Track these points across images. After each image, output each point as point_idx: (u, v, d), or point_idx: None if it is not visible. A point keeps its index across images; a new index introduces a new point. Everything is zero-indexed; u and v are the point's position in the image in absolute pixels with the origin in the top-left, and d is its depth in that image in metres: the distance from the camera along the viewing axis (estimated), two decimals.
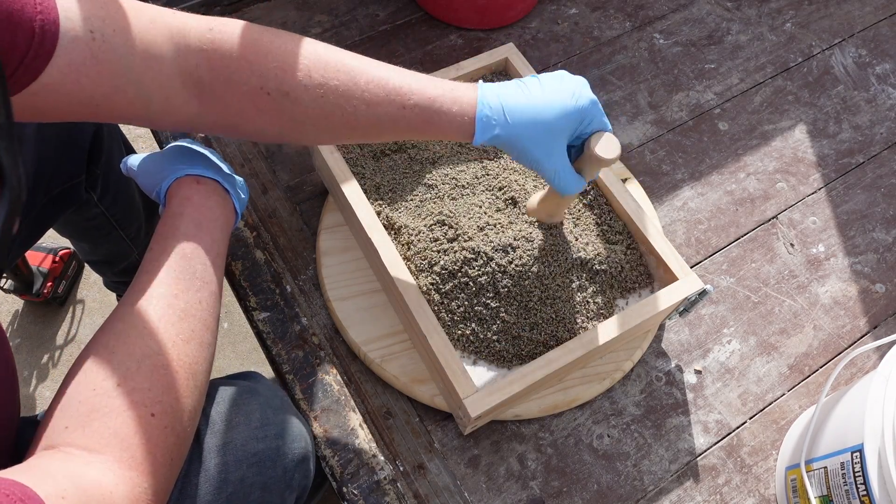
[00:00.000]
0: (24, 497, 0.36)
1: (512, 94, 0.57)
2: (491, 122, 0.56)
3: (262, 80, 0.53)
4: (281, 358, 0.74)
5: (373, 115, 0.55)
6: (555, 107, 0.56)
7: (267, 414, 0.60)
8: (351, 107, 0.55)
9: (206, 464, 0.55)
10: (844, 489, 0.60)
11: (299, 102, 0.54)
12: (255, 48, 0.53)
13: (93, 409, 0.45)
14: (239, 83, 0.53)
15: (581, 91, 0.57)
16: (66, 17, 0.44)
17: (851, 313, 0.84)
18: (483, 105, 0.56)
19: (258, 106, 0.54)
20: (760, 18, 1.09)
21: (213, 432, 0.57)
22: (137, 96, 0.50)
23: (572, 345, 0.66)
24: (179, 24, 0.52)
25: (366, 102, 0.55)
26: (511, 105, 0.56)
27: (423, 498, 0.68)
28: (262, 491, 0.58)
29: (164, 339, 0.50)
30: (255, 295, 0.77)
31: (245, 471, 0.57)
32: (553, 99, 0.57)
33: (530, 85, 0.58)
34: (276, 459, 0.59)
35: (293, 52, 0.54)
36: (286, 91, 0.53)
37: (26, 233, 0.78)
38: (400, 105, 0.55)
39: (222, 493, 0.55)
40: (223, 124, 0.56)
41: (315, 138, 0.59)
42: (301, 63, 0.54)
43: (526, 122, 0.56)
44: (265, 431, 0.59)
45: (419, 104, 0.55)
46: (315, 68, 0.54)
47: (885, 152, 0.97)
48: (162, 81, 0.51)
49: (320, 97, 0.54)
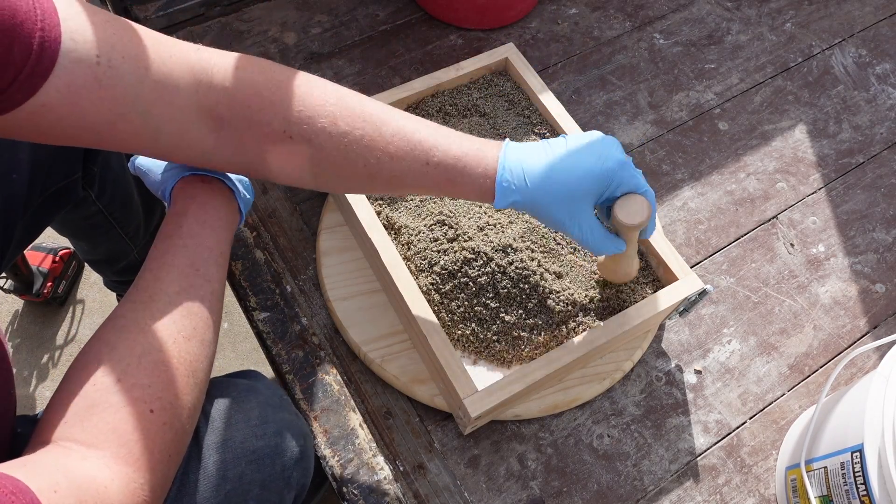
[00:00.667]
0: (16, 490, 0.36)
1: (534, 158, 0.56)
2: (511, 188, 0.55)
3: (285, 124, 0.52)
4: (281, 358, 0.74)
5: (396, 168, 0.55)
6: (577, 170, 0.55)
7: (266, 412, 0.61)
8: (374, 158, 0.54)
9: (204, 461, 0.55)
10: (844, 489, 0.60)
11: (322, 149, 0.54)
12: (282, 91, 0.53)
13: (92, 404, 0.45)
14: (261, 124, 0.52)
15: (608, 152, 0.56)
16: (71, 39, 0.44)
17: (851, 313, 0.84)
18: (504, 169, 0.55)
19: (279, 148, 0.54)
20: (760, 18, 1.09)
21: (212, 430, 0.57)
22: (144, 127, 0.50)
23: (572, 345, 0.66)
24: (202, 60, 0.51)
25: (389, 155, 0.54)
26: (532, 169, 0.55)
27: (423, 498, 0.68)
28: (261, 489, 0.58)
29: (165, 336, 0.50)
30: (255, 295, 0.77)
31: (244, 468, 0.57)
32: (576, 161, 0.55)
33: (555, 146, 0.57)
34: (274, 457, 0.59)
35: (320, 97, 0.53)
36: (309, 137, 0.53)
37: (24, 231, 0.78)
38: (424, 161, 0.55)
39: (221, 491, 0.55)
40: (238, 162, 0.56)
41: (333, 185, 0.59)
42: (327, 110, 0.53)
43: (546, 187, 0.55)
44: (264, 429, 0.59)
45: (443, 162, 0.55)
46: (342, 116, 0.53)
47: (885, 152, 0.97)
48: (174, 114, 0.50)
49: (344, 146, 0.54)
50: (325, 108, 0.53)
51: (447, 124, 0.81)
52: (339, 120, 0.53)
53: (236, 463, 0.56)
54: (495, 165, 0.55)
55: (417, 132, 0.55)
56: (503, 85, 0.85)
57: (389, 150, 0.54)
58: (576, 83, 1.00)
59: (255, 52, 0.97)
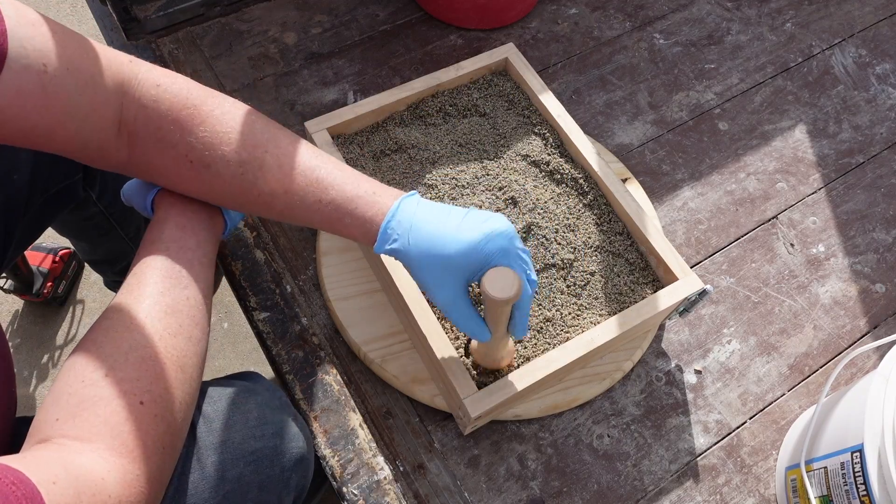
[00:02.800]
0: (17, 481, 0.37)
1: (427, 216, 0.55)
2: (393, 237, 0.55)
3: (188, 149, 0.54)
4: (281, 358, 0.74)
5: (289, 201, 0.56)
6: (460, 242, 0.54)
7: (265, 413, 0.61)
8: (268, 188, 0.55)
9: (202, 461, 0.55)
10: (844, 489, 0.60)
11: (220, 176, 0.55)
12: (192, 114, 0.54)
13: (82, 399, 0.46)
14: (168, 145, 0.54)
15: (496, 236, 0.54)
16: (20, 45, 0.45)
17: (851, 313, 0.84)
18: (392, 217, 0.55)
19: (180, 171, 0.55)
20: (760, 18, 1.09)
21: (211, 430, 0.57)
22: (77, 134, 0.51)
23: (572, 345, 0.66)
24: (131, 75, 0.53)
25: (284, 189, 0.55)
26: (420, 226, 0.54)
27: (423, 498, 0.68)
28: (259, 490, 0.58)
29: (151, 332, 0.51)
30: (255, 295, 0.77)
31: (242, 469, 0.57)
32: (462, 234, 0.54)
33: (453, 214, 0.56)
34: (273, 459, 0.59)
35: (228, 124, 0.54)
36: (208, 164, 0.54)
37: (24, 232, 0.78)
38: (317, 198, 0.55)
39: (219, 492, 0.55)
40: (150, 176, 0.58)
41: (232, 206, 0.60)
42: (230, 137, 0.54)
43: (425, 248, 0.54)
44: (263, 430, 0.59)
45: (335, 201, 0.55)
46: (244, 145, 0.54)
47: (885, 152, 0.97)
48: (102, 125, 0.52)
49: (240, 175, 0.55)
50: (228, 135, 0.54)
51: (447, 124, 0.81)
52: (240, 149, 0.54)
53: (235, 464, 0.56)
54: (386, 212, 0.55)
55: (318, 169, 0.56)
56: (503, 85, 0.85)
57: (285, 183, 0.55)
58: (576, 83, 1.00)
59: (255, 52, 0.97)
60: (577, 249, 0.74)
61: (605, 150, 0.90)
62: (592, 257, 0.74)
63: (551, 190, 0.77)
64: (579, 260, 0.73)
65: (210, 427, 0.58)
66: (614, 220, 0.76)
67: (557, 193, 0.77)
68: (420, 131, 0.80)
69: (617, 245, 0.75)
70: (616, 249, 0.75)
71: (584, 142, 0.78)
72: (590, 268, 0.73)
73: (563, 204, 0.76)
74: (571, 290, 0.72)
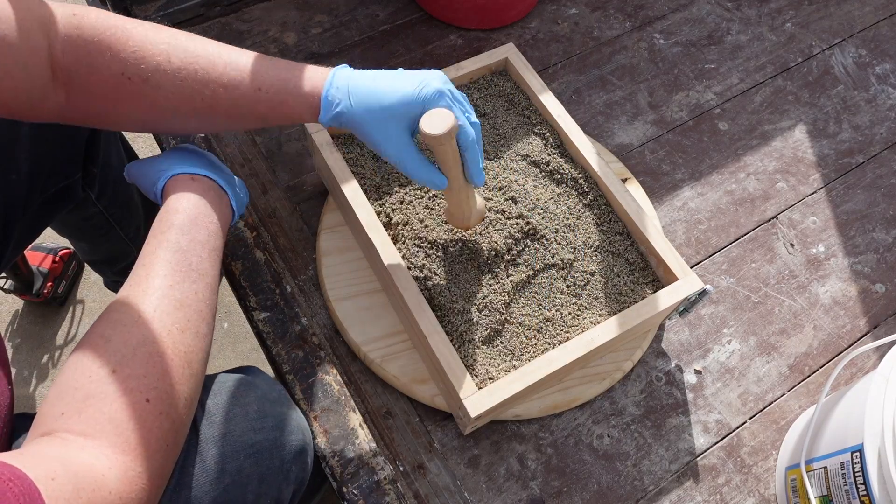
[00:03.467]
0: (14, 478, 0.37)
1: (362, 79, 0.59)
2: (335, 102, 0.58)
3: (122, 66, 0.54)
4: (281, 358, 0.74)
5: (231, 98, 0.58)
6: (396, 92, 0.57)
7: (265, 406, 0.61)
8: (209, 91, 0.57)
9: (203, 454, 0.55)
10: (844, 489, 0.60)
11: (160, 87, 0.56)
12: (115, 33, 0.55)
13: (88, 395, 0.46)
14: (101, 68, 0.54)
15: (429, 81, 0.58)
16: None
17: (851, 313, 0.84)
18: (330, 86, 0.58)
19: (120, 92, 0.56)
20: (760, 18, 1.09)
21: (211, 423, 0.57)
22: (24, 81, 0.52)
23: (572, 345, 0.66)
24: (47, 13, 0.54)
25: (224, 86, 0.57)
26: (357, 87, 0.58)
27: (423, 498, 0.68)
28: (259, 482, 0.58)
29: (160, 327, 0.50)
30: (255, 295, 0.77)
31: (242, 461, 0.57)
32: (398, 85, 0.58)
33: (386, 73, 0.60)
34: (273, 451, 0.59)
35: (152, 37, 0.56)
36: (146, 76, 0.55)
37: (23, 232, 0.78)
38: (256, 87, 0.58)
39: (219, 484, 0.55)
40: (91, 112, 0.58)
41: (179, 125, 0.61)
42: (160, 48, 0.56)
43: (366, 104, 0.58)
44: (263, 423, 0.60)
45: (274, 85, 0.58)
46: (174, 53, 0.56)
47: (885, 152, 0.97)
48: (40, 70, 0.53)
49: (180, 81, 0.56)
50: (157, 46, 0.56)
51: None
52: (172, 57, 0.56)
53: (235, 457, 0.57)
54: (323, 82, 0.59)
55: (249, 62, 0.58)
56: (503, 85, 0.85)
57: (223, 80, 0.57)
58: (576, 83, 1.00)
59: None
60: (577, 249, 0.74)
61: (605, 150, 0.90)
62: (592, 257, 0.74)
63: (551, 190, 0.77)
64: (579, 260, 0.73)
65: (210, 420, 0.58)
66: (614, 220, 0.76)
67: (557, 193, 0.77)
68: None
69: (617, 245, 0.75)
70: (616, 249, 0.75)
71: (584, 142, 0.78)
72: (590, 268, 0.73)
73: (563, 204, 0.76)
74: (571, 290, 0.72)
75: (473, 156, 0.60)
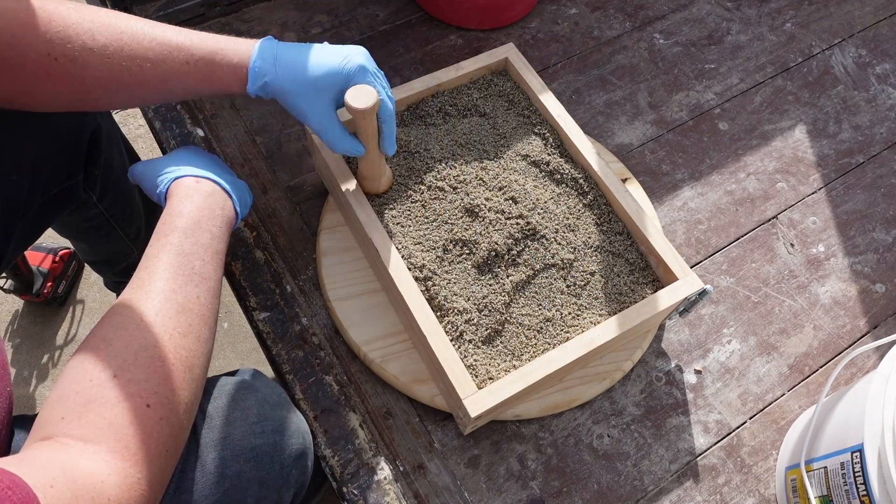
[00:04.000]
0: (12, 485, 0.36)
1: (288, 52, 0.61)
2: (262, 72, 0.60)
3: (48, 46, 0.55)
4: (281, 358, 0.74)
5: (159, 72, 0.59)
6: (322, 65, 0.60)
7: (265, 410, 0.61)
8: (137, 66, 0.58)
9: (203, 458, 0.55)
10: (844, 489, 0.60)
11: (87, 66, 0.56)
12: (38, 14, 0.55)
13: (88, 399, 0.45)
14: (27, 50, 0.55)
15: (353, 57, 0.60)
16: None
17: (851, 313, 0.84)
18: (256, 56, 0.60)
19: (48, 73, 0.56)
20: (760, 18, 1.09)
21: (211, 427, 0.57)
22: None
23: (572, 345, 0.66)
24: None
25: (151, 61, 0.58)
26: (284, 59, 0.60)
27: (423, 498, 0.68)
28: (260, 486, 0.58)
29: (162, 332, 0.50)
30: (255, 295, 0.77)
31: (242, 465, 0.57)
32: (324, 59, 0.60)
33: (313, 48, 0.62)
34: (273, 455, 0.59)
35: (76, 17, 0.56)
36: (73, 56, 0.56)
37: (24, 232, 0.78)
38: (184, 61, 0.59)
39: (219, 488, 0.55)
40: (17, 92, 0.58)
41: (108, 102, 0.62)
42: (84, 27, 0.56)
43: (292, 76, 0.60)
44: (263, 427, 0.59)
45: (203, 58, 0.59)
46: (99, 31, 0.56)
47: (885, 152, 0.97)
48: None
49: (107, 58, 0.57)
50: (82, 25, 0.56)
51: (447, 124, 0.81)
52: (97, 35, 0.56)
53: (235, 460, 0.56)
54: (250, 54, 0.60)
55: (175, 36, 0.59)
56: (503, 85, 0.85)
57: (150, 56, 0.58)
58: (576, 83, 1.00)
59: None
60: (577, 249, 0.74)
61: (605, 150, 0.90)
62: (592, 257, 0.74)
63: (551, 190, 0.77)
64: (579, 260, 0.73)
65: (210, 424, 0.57)
66: (614, 220, 0.76)
67: (557, 193, 0.77)
68: (420, 131, 0.80)
69: (617, 245, 0.75)
70: (616, 249, 0.75)
71: (584, 142, 0.78)
72: (590, 268, 0.73)
73: (563, 204, 0.76)
74: (571, 290, 0.72)
75: (390, 127, 0.65)
